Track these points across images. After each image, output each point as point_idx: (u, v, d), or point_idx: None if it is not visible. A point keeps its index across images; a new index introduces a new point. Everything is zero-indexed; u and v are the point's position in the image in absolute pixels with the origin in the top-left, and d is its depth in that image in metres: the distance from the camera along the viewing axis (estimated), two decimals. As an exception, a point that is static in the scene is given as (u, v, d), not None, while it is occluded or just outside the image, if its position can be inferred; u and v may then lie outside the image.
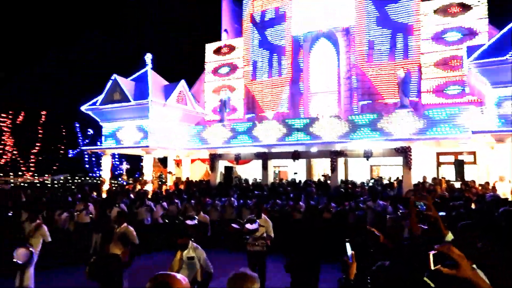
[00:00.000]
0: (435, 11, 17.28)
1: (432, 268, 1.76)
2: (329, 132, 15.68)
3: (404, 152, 14.67)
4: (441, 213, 7.94)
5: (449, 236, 3.30)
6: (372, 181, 17.06)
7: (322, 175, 19.13)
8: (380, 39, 18.03)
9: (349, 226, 11.02)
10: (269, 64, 20.66)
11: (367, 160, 15.48)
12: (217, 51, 22.74)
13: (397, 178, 16.49)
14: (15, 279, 7.43)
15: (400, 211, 9.13)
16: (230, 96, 20.73)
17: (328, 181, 16.72)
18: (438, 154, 17.77)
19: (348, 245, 2.48)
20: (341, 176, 17.06)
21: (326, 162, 19.03)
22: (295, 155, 16.62)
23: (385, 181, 16.69)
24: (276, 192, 13.66)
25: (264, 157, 17.55)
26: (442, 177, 15.65)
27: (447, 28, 17.00)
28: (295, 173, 17.64)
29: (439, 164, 17.85)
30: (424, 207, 3.49)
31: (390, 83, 17.47)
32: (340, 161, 16.86)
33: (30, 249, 7.27)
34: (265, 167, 17.60)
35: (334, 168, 16.08)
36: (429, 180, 14.56)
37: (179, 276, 2.05)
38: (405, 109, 14.78)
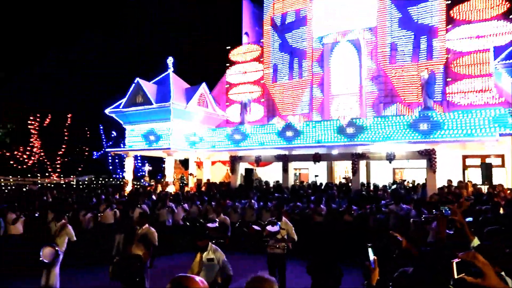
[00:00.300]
0: (461, 12, 16.84)
1: (456, 276, 1.70)
2: (350, 134, 15.49)
3: (428, 155, 14.34)
4: (468, 219, 7.71)
5: (475, 242, 3.20)
6: (395, 184, 16.74)
7: (343, 178, 18.93)
8: (403, 40, 17.72)
9: (370, 229, 10.85)
10: (289, 66, 20.63)
11: (390, 162, 15.21)
12: (238, 54, 22.84)
13: (418, 183, 16.13)
14: (42, 277, 7.65)
15: (424, 215, 8.92)
16: (251, 98, 20.78)
17: (350, 184, 16.52)
18: (464, 157, 17.28)
19: (370, 250, 2.42)
20: (362, 179, 16.81)
21: (347, 165, 18.82)
22: (316, 158, 16.49)
23: (409, 184, 16.36)
24: (297, 195, 13.58)
25: (285, 159, 17.49)
26: (469, 181, 15.22)
27: (474, 28, 16.53)
28: (316, 176, 17.49)
29: (465, 167, 17.35)
30: (449, 211, 3.39)
31: (413, 84, 17.14)
32: (362, 163, 16.63)
33: (56, 248, 7.47)
34: (285, 170, 17.54)
35: (355, 171, 15.86)
36: (454, 184, 14.18)
37: (198, 278, 2.05)
38: (429, 110, 14.46)
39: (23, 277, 8.97)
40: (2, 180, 25.64)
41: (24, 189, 20.40)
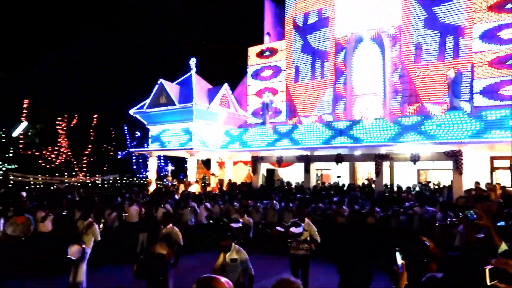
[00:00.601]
0: (489, 8, 16.33)
1: (489, 283, 1.66)
2: (373, 134, 15.29)
3: (455, 156, 13.98)
4: (500, 223, 7.48)
5: (503, 247, 3.10)
6: (419, 185, 16.40)
7: (366, 179, 18.68)
8: (428, 39, 17.34)
9: (392, 232, 10.67)
10: (311, 67, 20.51)
11: (414, 164, 14.92)
12: (260, 54, 22.87)
13: (444, 185, 15.74)
14: (70, 274, 7.87)
15: (449, 218, 8.71)
16: (273, 99, 20.77)
17: (373, 185, 16.29)
18: (492, 158, 16.75)
19: (398, 254, 2.37)
20: (386, 180, 16.56)
21: (370, 166, 18.57)
22: (338, 158, 16.34)
23: (435, 186, 15.99)
24: (319, 196, 13.49)
25: (307, 160, 17.40)
26: (497, 183, 14.75)
27: (502, 25, 16.01)
28: (338, 177, 17.33)
29: (493, 169, 16.82)
30: (475, 215, 3.30)
31: (439, 84, 16.74)
32: (385, 164, 16.38)
33: (83, 246, 7.67)
34: (307, 170, 17.46)
35: (378, 172, 15.63)
36: (482, 186, 13.77)
37: (223, 279, 2.08)
38: (455, 110, 14.09)
39: (52, 273, 9.25)
40: (31, 178, 26.53)
41: (52, 188, 21.05)
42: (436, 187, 15.86)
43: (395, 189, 15.09)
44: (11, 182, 24.54)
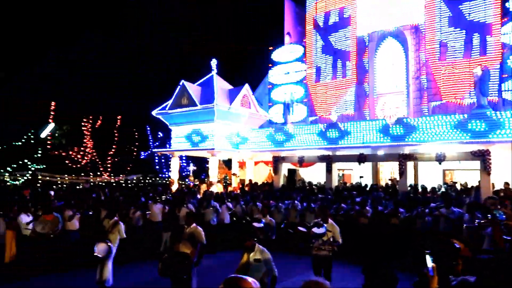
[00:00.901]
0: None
1: None
2: (397, 134, 15.02)
3: (482, 156, 13.58)
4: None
5: None
6: (445, 186, 16.02)
7: (389, 179, 18.38)
8: (453, 36, 16.91)
9: (417, 233, 10.46)
10: (333, 66, 20.32)
11: (440, 164, 14.57)
12: (280, 54, 22.83)
13: (471, 186, 15.30)
14: (96, 271, 8.07)
15: (477, 220, 8.46)
16: (293, 98, 20.70)
17: (396, 186, 16.01)
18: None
19: (428, 257, 2.31)
20: (410, 180, 16.25)
21: (393, 166, 18.27)
22: (361, 158, 16.14)
23: (462, 187, 15.58)
24: (341, 196, 13.36)
25: (328, 160, 17.26)
26: (527, 184, 14.24)
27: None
28: (361, 177, 17.11)
29: (523, 169, 16.26)
30: (504, 216, 3.19)
31: (465, 82, 16.31)
32: (409, 164, 16.07)
33: (109, 244, 7.85)
34: (329, 170, 17.31)
35: (402, 172, 15.35)
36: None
37: (250, 279, 2.08)
38: (482, 109, 13.69)
39: (79, 270, 9.50)
40: (59, 178, 27.31)
41: (78, 187, 21.60)
42: (463, 188, 15.45)
43: (420, 189, 14.76)
44: (40, 181, 25.33)
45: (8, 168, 26.21)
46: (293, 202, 12.80)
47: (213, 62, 21.05)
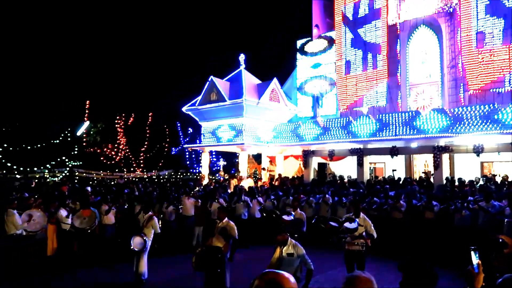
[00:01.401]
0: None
1: None
2: (432, 126, 14.56)
3: (524, 147, 12.94)
4: None
5: None
6: (484, 179, 15.37)
7: (423, 172, 17.83)
8: (491, 22, 16.09)
9: (454, 228, 10.12)
10: (363, 58, 19.82)
11: (478, 155, 14.02)
12: (308, 47, 22.55)
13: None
14: (133, 264, 8.30)
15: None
16: (323, 91, 20.45)
17: (431, 179, 15.54)
18: None
19: (473, 253, 2.20)
20: (446, 173, 15.72)
21: (427, 158, 17.72)
22: (394, 151, 15.76)
23: (504, 180, 14.90)
24: (373, 190, 13.10)
25: (360, 153, 16.96)
26: None
27: None
28: (394, 170, 16.71)
29: None
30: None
31: (505, 69, 15.53)
32: (445, 157, 15.54)
33: (144, 238, 8.05)
34: (360, 164, 17.01)
35: (438, 165, 14.87)
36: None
37: (287, 274, 2.05)
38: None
39: (116, 263, 9.81)
40: (94, 174, 28.28)
41: (113, 183, 22.27)
42: (503, 180, 14.78)
43: (456, 182, 14.25)
44: (77, 178, 26.31)
45: (48, 165, 27.37)
46: (324, 196, 12.68)
47: (241, 57, 21.09)
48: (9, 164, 25.70)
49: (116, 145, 32.55)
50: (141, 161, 33.60)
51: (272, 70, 32.25)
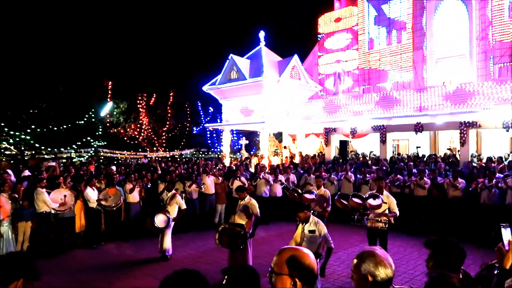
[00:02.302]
0: None
1: None
2: (458, 101, 14.08)
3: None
4: None
5: None
6: (513, 155, 14.86)
7: (448, 149, 17.39)
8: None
9: (482, 206, 9.89)
10: (387, 32, 19.13)
11: (507, 131, 13.52)
12: (330, 22, 21.96)
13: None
14: (158, 241, 8.52)
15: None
16: (345, 67, 20.01)
17: (457, 156, 15.15)
18: None
19: (504, 230, 2.14)
20: (472, 150, 15.28)
21: (452, 134, 17.23)
22: (418, 127, 15.39)
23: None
24: (397, 167, 12.89)
25: (382, 130, 16.65)
26: None
27: None
28: (418, 147, 16.36)
29: None
30: None
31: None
32: (472, 133, 15.07)
33: (168, 215, 8.21)
34: (383, 141, 16.73)
35: (464, 141, 14.46)
36: None
37: (306, 250, 2.04)
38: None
39: (141, 240, 10.10)
40: (118, 154, 28.92)
41: (137, 162, 22.73)
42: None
43: (484, 159, 13.84)
44: (102, 157, 26.98)
45: (74, 146, 28.13)
46: (347, 174, 12.58)
47: (261, 34, 20.77)
48: (37, 145, 26.56)
49: (138, 125, 33.04)
50: (164, 141, 34.06)
51: (293, 46, 31.76)
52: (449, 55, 17.21)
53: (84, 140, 28.78)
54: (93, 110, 29.86)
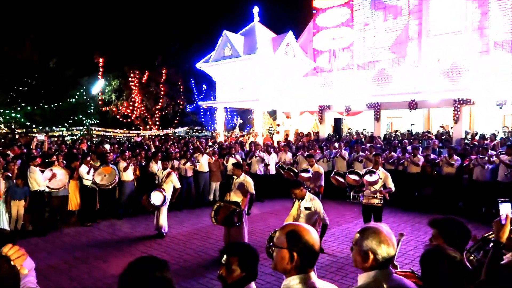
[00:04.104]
0: None
1: None
2: (453, 78, 14.06)
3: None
4: None
5: None
6: (506, 132, 14.99)
7: (440, 126, 17.49)
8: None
9: (475, 182, 10.02)
10: (383, 9, 18.85)
11: (500, 108, 13.59)
12: (321, 20, 21.46)
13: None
14: (153, 218, 8.56)
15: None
16: (339, 45, 19.78)
17: (450, 133, 15.25)
18: None
19: (502, 204, 2.19)
20: (465, 127, 15.39)
21: (445, 112, 17.29)
22: (412, 105, 15.40)
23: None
24: (391, 144, 12.96)
25: (377, 108, 16.65)
26: None
27: None
28: (412, 124, 16.43)
29: None
30: None
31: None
32: (465, 110, 15.14)
33: (163, 193, 8.22)
34: (377, 118, 16.76)
35: (458, 118, 14.53)
36: None
37: (308, 227, 2.06)
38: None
39: (136, 217, 10.15)
40: (112, 132, 28.70)
41: (130, 141, 22.59)
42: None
43: (477, 136, 13.95)
44: (94, 136, 26.78)
45: (66, 124, 27.83)
46: (341, 151, 12.62)
47: (255, 10, 20.40)
48: (28, 123, 26.24)
49: (131, 103, 32.66)
50: (157, 119, 33.78)
51: (287, 22, 31.23)
52: (445, 31, 17.06)
53: (75, 118, 28.45)
54: (84, 87, 29.40)
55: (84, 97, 29.28)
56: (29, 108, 26.09)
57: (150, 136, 23.54)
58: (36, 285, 2.29)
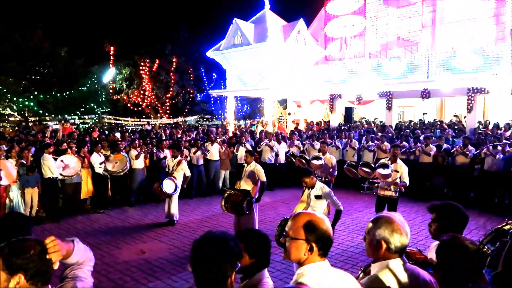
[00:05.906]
0: None
1: None
2: (468, 66, 13.78)
3: None
4: None
5: None
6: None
7: (454, 115, 17.23)
8: None
9: (488, 172, 9.88)
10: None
11: (516, 97, 13.31)
12: (332, 7, 21.13)
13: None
14: (165, 206, 8.64)
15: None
16: (351, 33, 19.49)
17: (464, 122, 15.01)
18: None
19: None
20: (479, 116, 15.12)
21: (459, 101, 17.01)
22: (425, 94, 15.16)
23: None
24: (402, 134, 12.81)
25: (389, 97, 16.44)
26: None
27: None
28: (424, 114, 16.21)
29: None
30: None
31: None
32: (479, 99, 14.85)
33: (175, 181, 8.28)
34: (389, 107, 16.55)
35: (471, 108, 14.27)
36: None
37: (321, 215, 2.04)
38: None
39: (147, 204, 10.26)
40: (123, 121, 28.91)
41: (141, 129, 22.74)
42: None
43: (491, 126, 13.71)
44: (106, 124, 27.01)
45: (78, 112, 28.10)
46: (351, 141, 12.52)
47: (266, -3, 20.16)
48: (41, 111, 26.54)
49: (142, 92, 32.77)
50: (167, 107, 33.88)
51: (298, 10, 30.88)
52: (460, 19, 16.67)
53: (87, 106, 28.67)
54: (95, 76, 29.55)
55: (95, 86, 29.44)
56: (41, 96, 26.34)
57: (160, 125, 23.66)
58: (88, 275, 2.04)
